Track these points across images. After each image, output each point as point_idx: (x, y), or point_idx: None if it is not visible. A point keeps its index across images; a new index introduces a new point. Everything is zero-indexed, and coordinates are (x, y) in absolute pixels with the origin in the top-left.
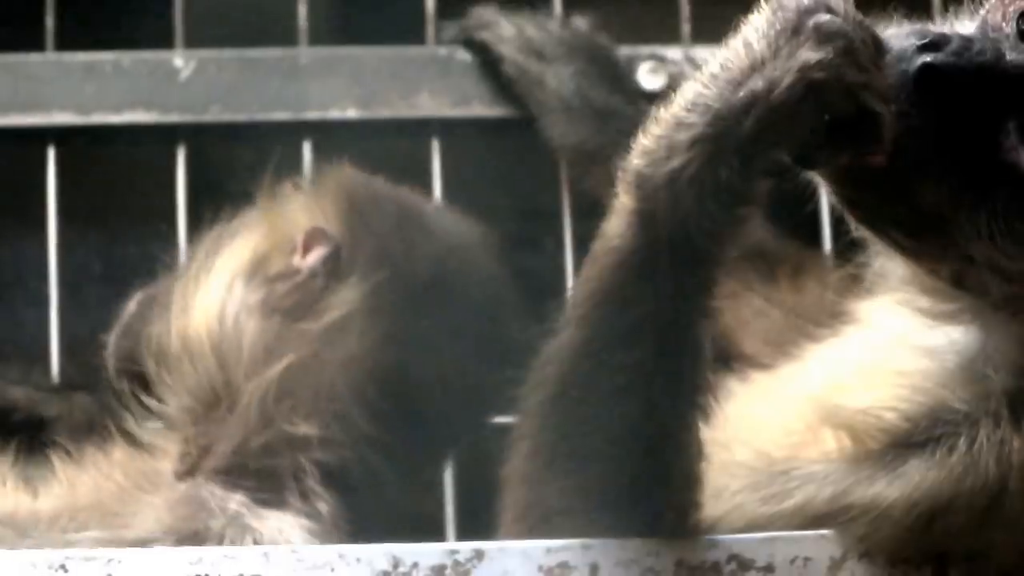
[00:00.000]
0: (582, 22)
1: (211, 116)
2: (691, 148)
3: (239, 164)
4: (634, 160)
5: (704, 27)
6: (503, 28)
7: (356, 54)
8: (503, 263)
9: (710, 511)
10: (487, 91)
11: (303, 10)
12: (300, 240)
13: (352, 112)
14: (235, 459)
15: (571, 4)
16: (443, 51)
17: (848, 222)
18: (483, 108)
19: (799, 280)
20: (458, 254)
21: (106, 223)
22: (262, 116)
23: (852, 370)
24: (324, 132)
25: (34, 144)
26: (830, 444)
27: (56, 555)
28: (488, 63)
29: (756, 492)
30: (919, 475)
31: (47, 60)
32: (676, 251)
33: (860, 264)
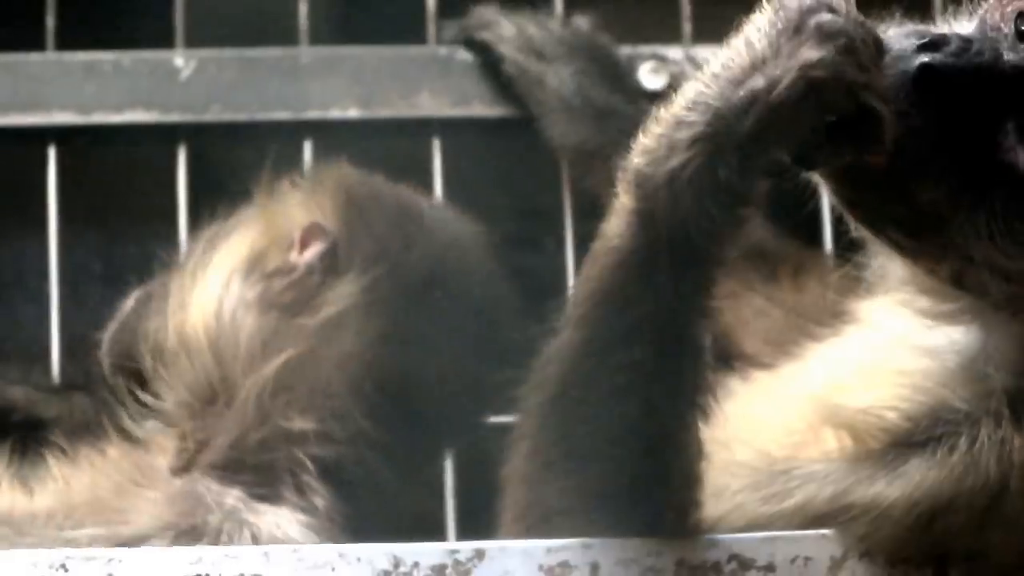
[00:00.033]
0: (583, 22)
1: (212, 116)
2: (691, 147)
3: (240, 164)
4: (634, 159)
5: (705, 27)
6: (504, 28)
7: (357, 54)
8: (501, 260)
9: (711, 510)
10: (488, 91)
11: (304, 9)
12: (297, 236)
13: (353, 112)
14: (232, 454)
15: (572, 4)
16: (444, 51)
17: (848, 222)
18: (484, 108)
19: (800, 280)
20: (454, 251)
21: (107, 223)
22: (263, 116)
23: (853, 369)
24: (325, 132)
25: (35, 144)
26: (831, 443)
27: (56, 555)
28: (489, 63)
29: (757, 491)
30: (920, 474)
31: (47, 60)
32: (676, 251)
33: (860, 264)
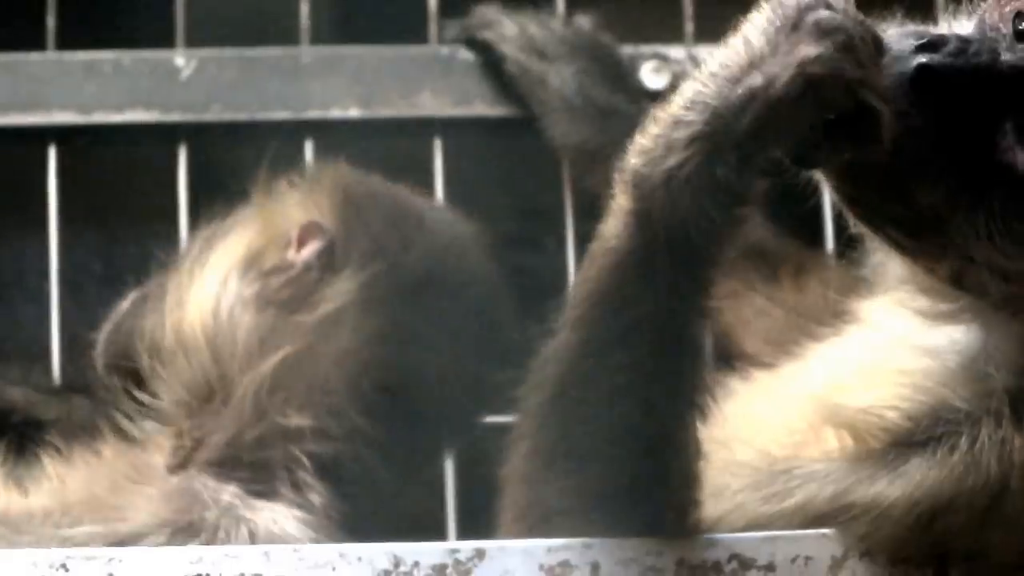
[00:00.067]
0: (585, 21)
1: (212, 115)
2: (689, 146)
3: (240, 163)
4: (631, 160)
5: (707, 26)
6: (505, 27)
7: (358, 53)
8: (500, 259)
9: (711, 510)
10: (489, 90)
11: (305, 9)
12: (295, 235)
13: (354, 111)
14: (228, 451)
15: (574, 3)
16: (445, 50)
17: (848, 219)
18: (485, 107)
19: (801, 279)
20: (451, 249)
21: (107, 223)
22: (263, 115)
23: (853, 369)
24: (326, 131)
25: (35, 144)
26: (831, 443)
27: (57, 554)
28: (490, 62)
29: (757, 491)
30: (920, 474)
31: (48, 59)
32: (673, 251)
33: (861, 263)
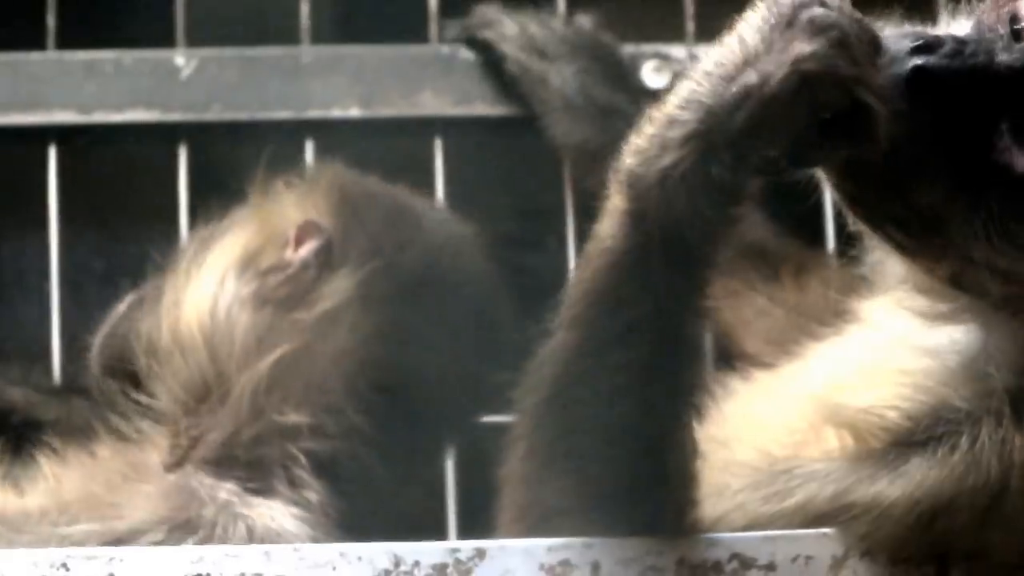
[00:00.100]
0: (586, 20)
1: (213, 115)
2: (683, 145)
3: (241, 163)
4: (626, 159)
5: (708, 25)
6: (506, 26)
7: (358, 53)
8: (497, 258)
9: (712, 509)
10: (490, 90)
11: (305, 8)
12: (292, 234)
13: (354, 111)
14: (225, 449)
15: (575, 2)
16: (446, 50)
17: (848, 219)
18: (486, 107)
19: (801, 279)
20: (448, 248)
21: (107, 222)
22: (264, 115)
23: (854, 369)
24: (326, 131)
25: (35, 143)
26: (832, 443)
27: (57, 554)
28: (491, 62)
29: (758, 491)
30: (921, 474)
31: (48, 59)
32: (669, 251)
33: (861, 262)
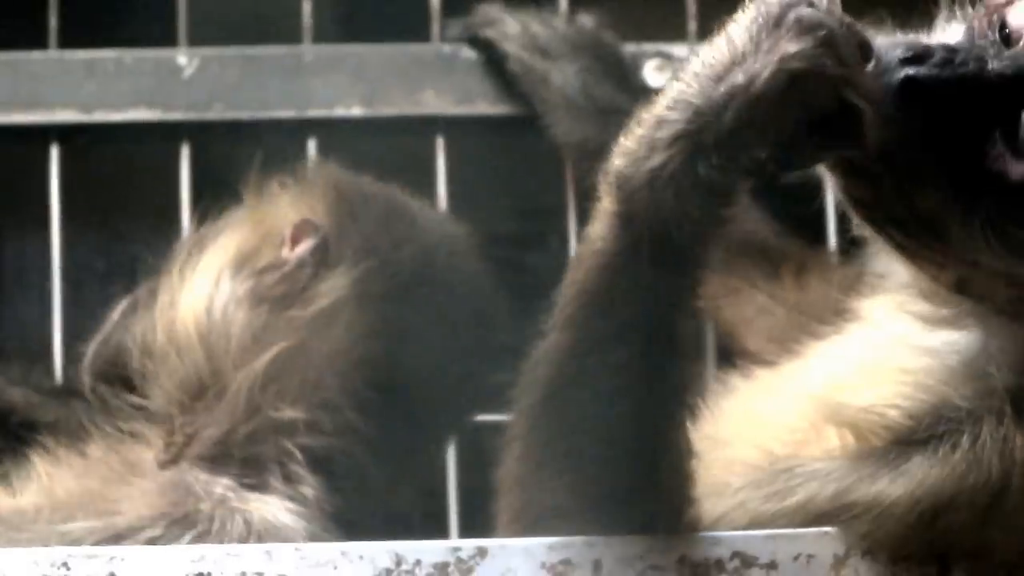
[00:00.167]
0: (588, 19)
1: (214, 114)
2: (671, 146)
3: (243, 162)
4: (615, 161)
5: (710, 24)
6: (508, 25)
7: (360, 52)
8: (500, 258)
9: (713, 508)
10: (492, 89)
11: (307, 7)
12: (288, 233)
13: (356, 110)
14: (220, 447)
15: (577, 1)
16: (448, 49)
17: (852, 220)
18: (488, 106)
19: (803, 277)
20: (442, 247)
21: (109, 222)
22: (266, 114)
23: (855, 367)
24: (328, 130)
25: (37, 142)
26: (833, 441)
27: (58, 553)
28: (493, 61)
29: (759, 489)
30: (922, 472)
31: (50, 58)
32: (658, 252)
33: (863, 262)
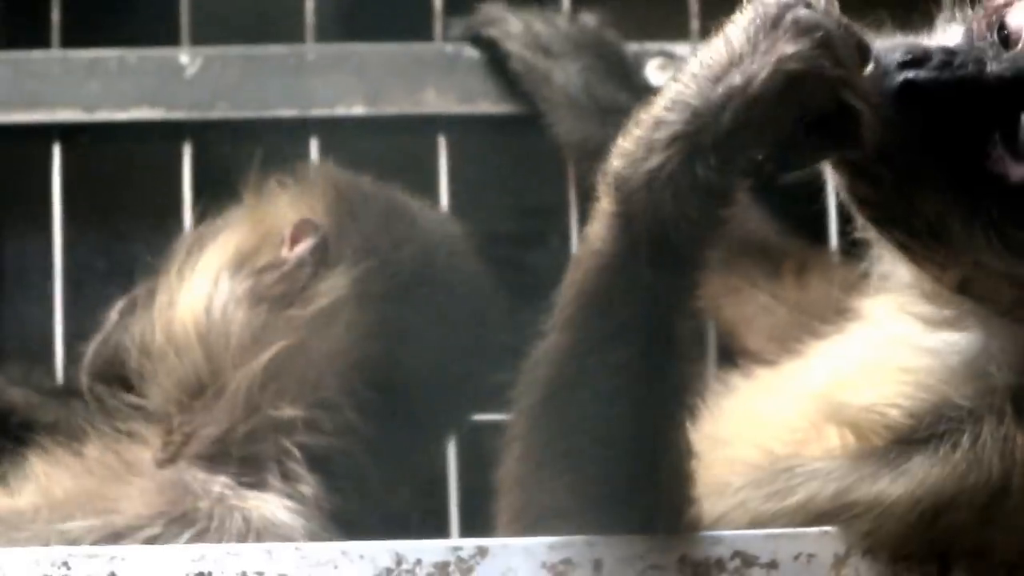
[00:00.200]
0: (590, 18)
1: (217, 113)
2: (669, 147)
3: (245, 161)
4: (614, 162)
5: (713, 23)
6: (511, 24)
7: (363, 51)
8: (497, 256)
9: (713, 508)
10: (494, 88)
11: (310, 7)
12: (288, 233)
13: (358, 109)
14: (218, 446)
15: (579, 0)
16: (450, 48)
17: (856, 220)
18: (490, 105)
19: (804, 276)
20: (442, 247)
21: (111, 221)
22: (268, 113)
23: (856, 367)
24: (330, 129)
25: (39, 141)
26: (834, 441)
27: (59, 552)
28: (495, 59)
29: (760, 489)
30: (923, 472)
31: (52, 57)
32: (656, 253)
33: (865, 261)
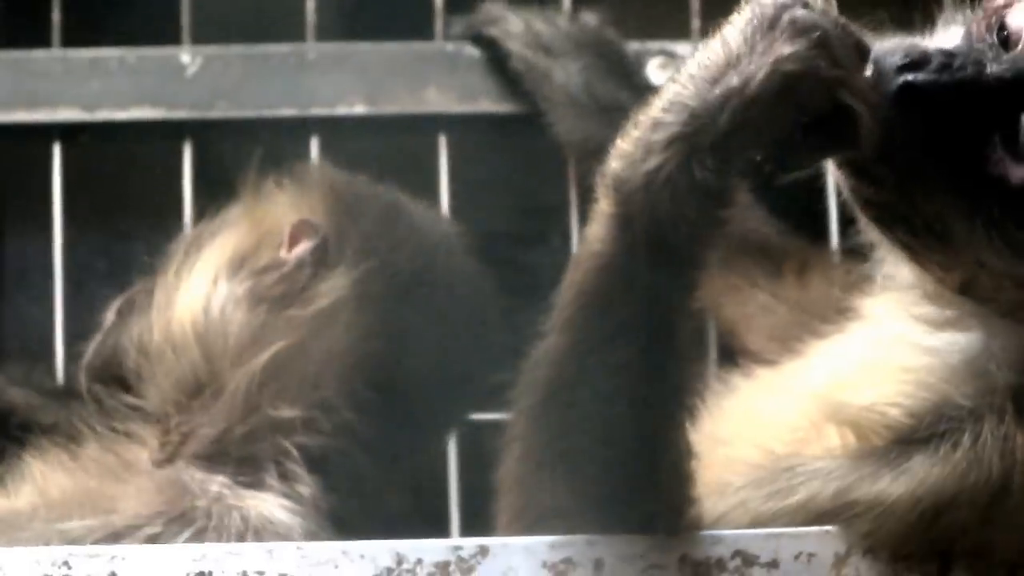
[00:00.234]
0: (591, 17)
1: (218, 112)
2: (667, 148)
3: (246, 161)
4: (612, 163)
5: (713, 23)
6: (511, 23)
7: (363, 50)
8: (497, 256)
9: (714, 507)
10: (495, 87)
11: (311, 5)
12: (287, 233)
13: (359, 108)
14: (216, 446)
15: None
16: (451, 47)
17: (859, 220)
18: (490, 104)
19: (805, 276)
20: (440, 248)
21: (112, 220)
22: (269, 112)
23: (856, 366)
24: (331, 128)
25: (40, 141)
26: (834, 440)
27: (60, 552)
28: (496, 58)
29: (760, 488)
30: (923, 471)
31: (53, 56)
32: (655, 254)
33: (866, 261)
